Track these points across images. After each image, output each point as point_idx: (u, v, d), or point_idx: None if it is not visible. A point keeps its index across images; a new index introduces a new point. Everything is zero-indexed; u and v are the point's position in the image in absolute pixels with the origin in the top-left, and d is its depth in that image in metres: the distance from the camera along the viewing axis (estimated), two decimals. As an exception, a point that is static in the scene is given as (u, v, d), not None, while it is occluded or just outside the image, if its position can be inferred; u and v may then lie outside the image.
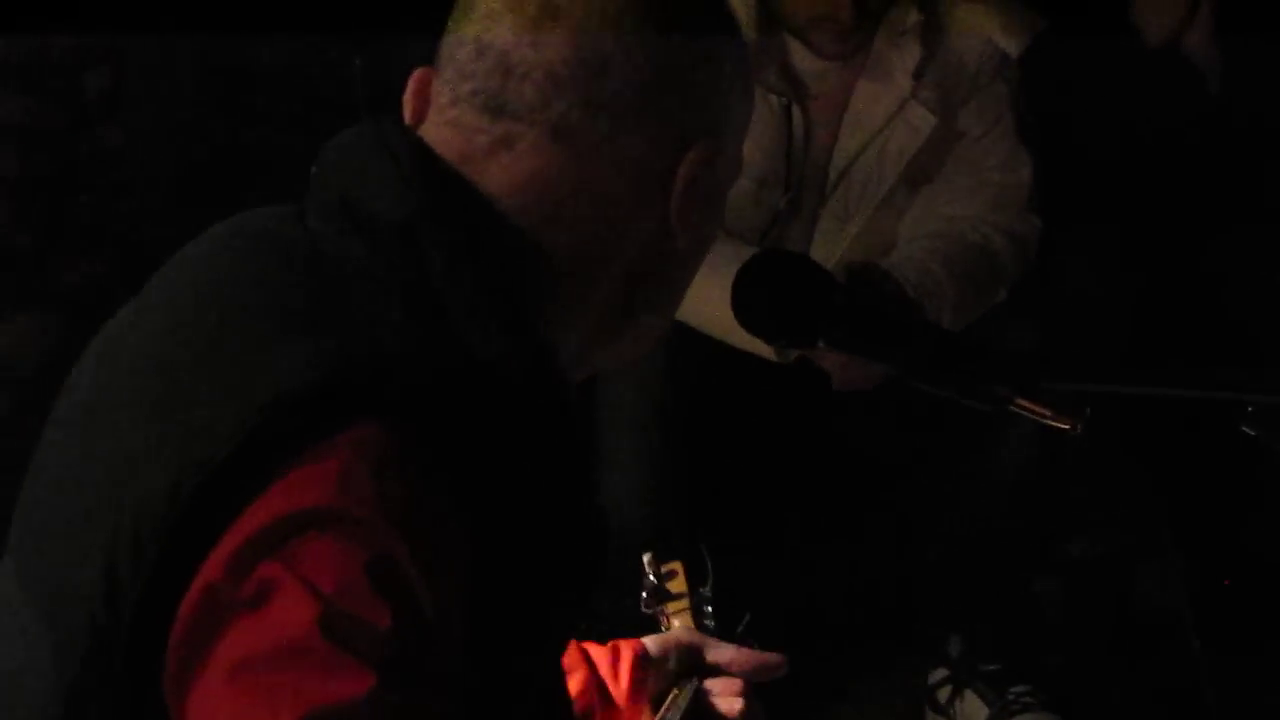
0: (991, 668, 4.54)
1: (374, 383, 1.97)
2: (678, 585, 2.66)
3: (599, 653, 2.58)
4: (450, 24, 2.19)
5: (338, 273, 2.08)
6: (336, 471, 1.92)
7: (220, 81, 4.49)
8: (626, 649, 2.59)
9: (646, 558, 2.66)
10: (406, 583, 1.89)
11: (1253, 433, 2.99)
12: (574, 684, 2.52)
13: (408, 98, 2.22)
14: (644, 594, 2.65)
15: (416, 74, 2.22)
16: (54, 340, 4.25)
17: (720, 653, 2.60)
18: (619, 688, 2.56)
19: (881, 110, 4.52)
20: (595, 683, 2.55)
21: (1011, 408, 2.38)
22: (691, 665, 2.61)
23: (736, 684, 2.57)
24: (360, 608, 1.86)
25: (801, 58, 4.51)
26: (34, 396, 2.24)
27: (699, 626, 2.65)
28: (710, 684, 2.57)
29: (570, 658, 2.53)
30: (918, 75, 4.51)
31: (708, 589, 2.65)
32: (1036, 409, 2.39)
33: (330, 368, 1.97)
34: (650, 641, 2.61)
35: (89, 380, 2.17)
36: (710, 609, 2.64)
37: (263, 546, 1.89)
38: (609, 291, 2.21)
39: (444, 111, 2.18)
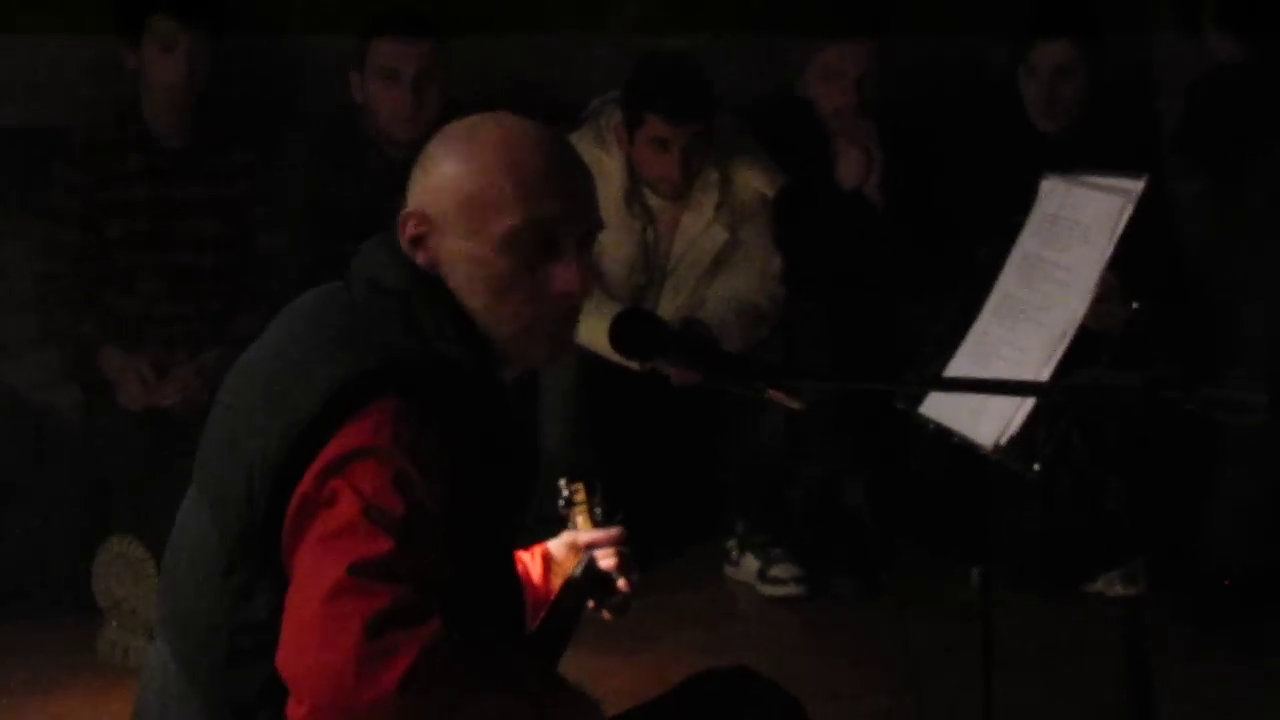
0: (761, 538, 4.51)
1: (392, 374, 2.02)
2: (580, 496, 2.59)
3: (523, 554, 2.52)
4: (410, 185, 2.19)
5: (368, 317, 2.11)
6: (372, 425, 1.97)
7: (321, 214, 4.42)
8: (539, 550, 2.55)
9: (561, 480, 2.61)
10: (414, 489, 1.95)
11: (900, 406, 2.99)
12: None
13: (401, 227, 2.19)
14: (559, 500, 2.61)
15: (402, 214, 2.17)
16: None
17: (583, 537, 2.54)
18: (536, 573, 2.52)
19: (697, 228, 4.52)
20: (524, 570, 2.50)
21: (765, 396, 2.34)
22: (577, 551, 2.54)
23: (611, 550, 2.52)
24: (387, 502, 1.93)
25: (652, 198, 4.49)
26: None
27: (592, 521, 2.57)
28: (596, 554, 2.52)
29: None
30: (717, 208, 4.50)
31: (598, 498, 2.61)
32: (778, 396, 2.34)
33: (367, 367, 2.02)
34: (551, 544, 2.56)
35: (235, 377, 2.18)
36: (599, 510, 2.59)
37: (332, 470, 1.96)
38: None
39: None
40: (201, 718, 2.09)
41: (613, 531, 2.53)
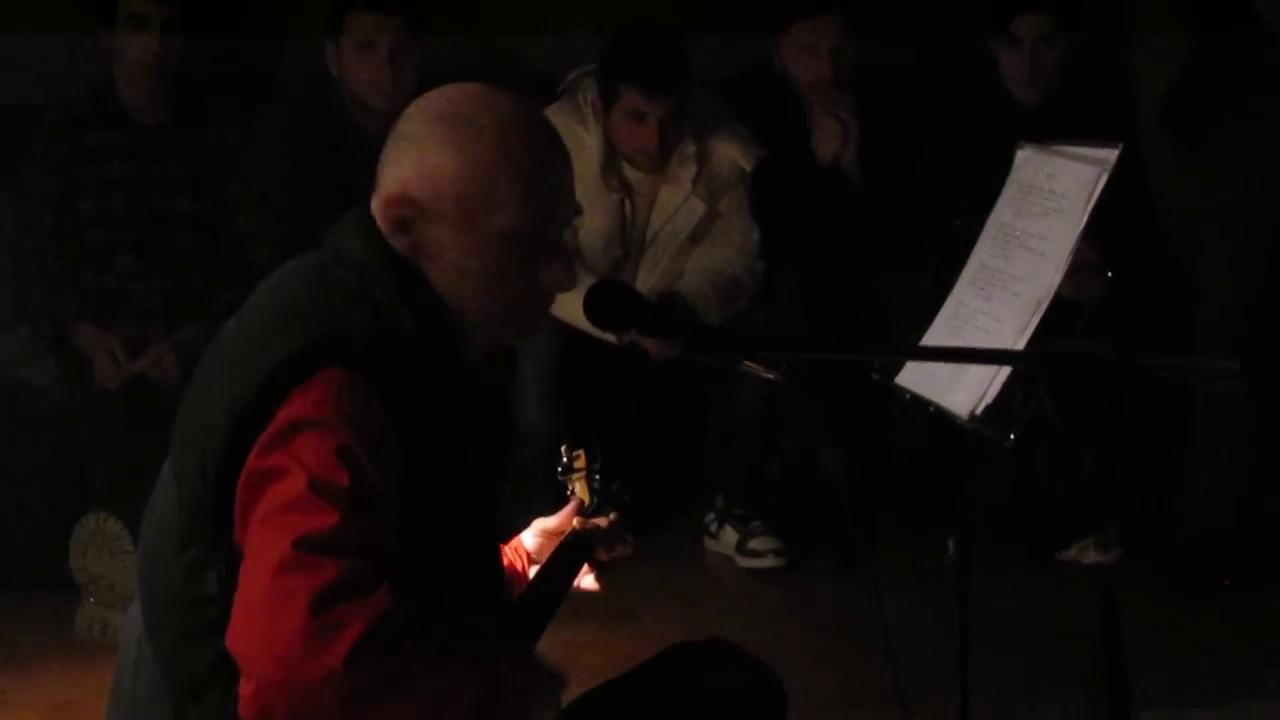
0: (739, 511, 4.50)
1: (337, 346, 1.98)
2: (580, 463, 2.58)
3: (509, 549, 2.50)
4: (382, 155, 2.14)
5: (324, 291, 2.07)
6: (316, 396, 1.94)
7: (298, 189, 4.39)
8: (515, 543, 2.53)
9: (564, 447, 2.60)
10: (358, 461, 1.91)
11: (876, 376, 2.98)
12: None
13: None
14: (559, 468, 2.59)
15: None
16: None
17: (555, 522, 2.53)
18: (519, 567, 2.50)
19: (675, 201, 4.49)
20: (508, 563, 2.47)
21: (741, 367, 2.33)
22: (548, 536, 2.53)
23: (604, 518, 2.51)
24: (331, 475, 1.90)
25: (629, 171, 4.47)
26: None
27: (590, 489, 2.57)
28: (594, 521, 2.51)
29: None
30: (694, 181, 4.48)
31: (597, 465, 2.59)
32: (754, 367, 2.33)
33: (312, 340, 1.98)
34: (525, 536, 2.54)
35: (207, 353, 2.15)
36: (598, 478, 2.57)
37: (277, 441, 1.93)
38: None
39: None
40: (163, 683, 2.09)
41: (595, 522, 2.51)
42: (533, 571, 2.48)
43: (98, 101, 4.37)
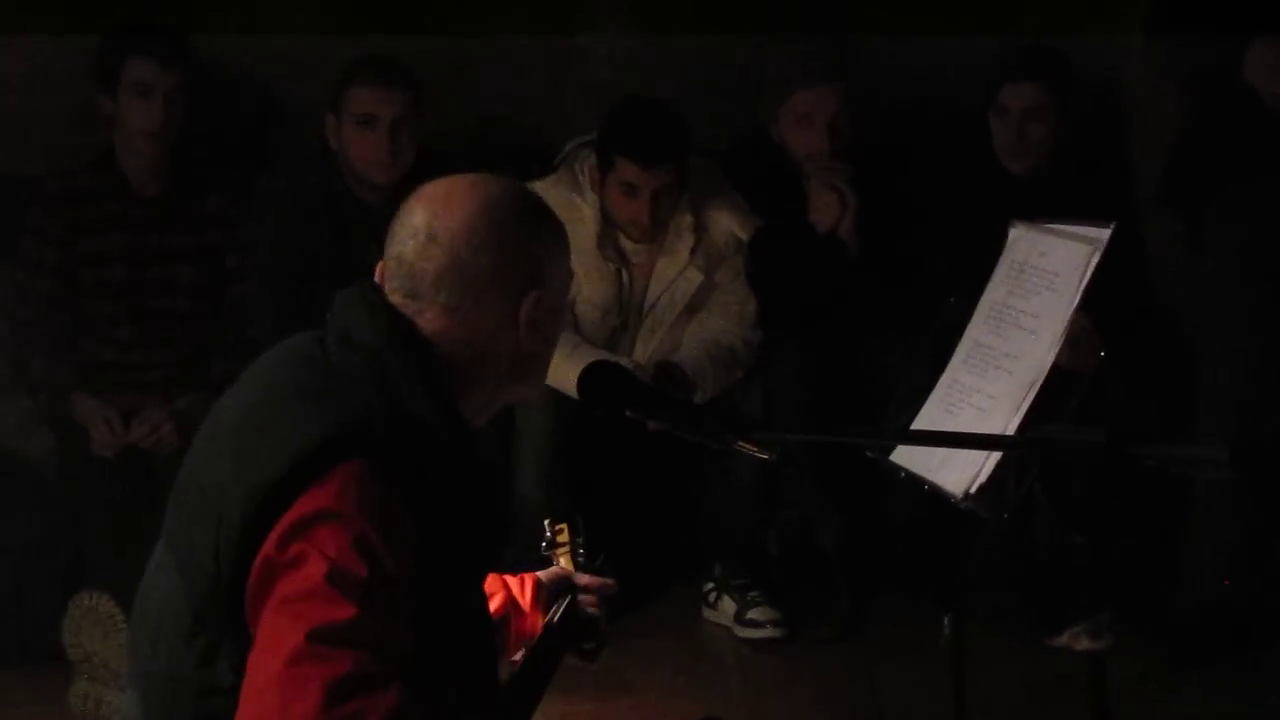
0: (738, 581, 4.49)
1: (358, 437, 2.00)
2: (564, 537, 2.63)
3: (512, 580, 2.55)
4: (386, 246, 2.20)
5: (340, 374, 2.09)
6: (336, 488, 1.96)
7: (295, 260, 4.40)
8: (529, 578, 2.57)
9: (546, 521, 2.65)
10: (376, 552, 1.94)
11: (871, 455, 2.99)
12: (496, 601, 2.49)
13: (378, 277, 2.22)
14: (543, 543, 2.63)
15: (379, 265, 2.22)
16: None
17: (580, 578, 2.58)
18: (525, 600, 2.53)
19: (672, 272, 4.51)
20: (509, 598, 2.52)
21: (734, 446, 2.35)
22: (566, 587, 2.58)
23: (592, 598, 2.55)
24: (350, 566, 1.92)
25: (625, 242, 4.48)
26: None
27: (575, 563, 2.61)
28: (579, 598, 2.54)
29: (493, 585, 2.49)
30: (692, 252, 4.49)
31: (581, 540, 2.63)
32: (748, 447, 2.35)
33: (334, 429, 2.00)
34: (542, 574, 2.58)
35: (205, 432, 2.17)
36: (582, 551, 2.63)
37: (295, 532, 1.95)
38: (491, 377, 2.21)
39: (389, 294, 2.19)
40: None
41: (606, 582, 2.57)
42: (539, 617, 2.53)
43: (98, 172, 4.36)
